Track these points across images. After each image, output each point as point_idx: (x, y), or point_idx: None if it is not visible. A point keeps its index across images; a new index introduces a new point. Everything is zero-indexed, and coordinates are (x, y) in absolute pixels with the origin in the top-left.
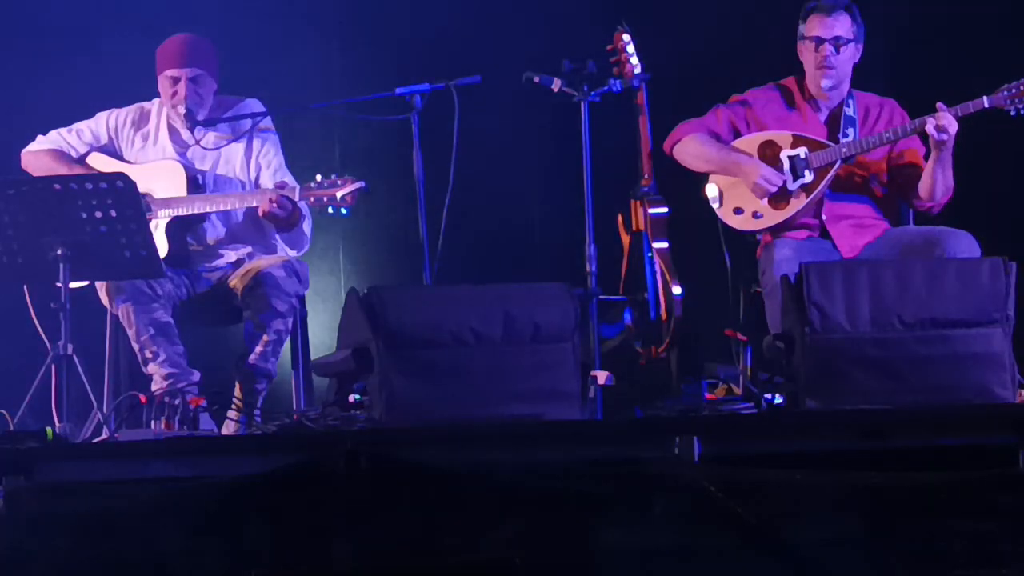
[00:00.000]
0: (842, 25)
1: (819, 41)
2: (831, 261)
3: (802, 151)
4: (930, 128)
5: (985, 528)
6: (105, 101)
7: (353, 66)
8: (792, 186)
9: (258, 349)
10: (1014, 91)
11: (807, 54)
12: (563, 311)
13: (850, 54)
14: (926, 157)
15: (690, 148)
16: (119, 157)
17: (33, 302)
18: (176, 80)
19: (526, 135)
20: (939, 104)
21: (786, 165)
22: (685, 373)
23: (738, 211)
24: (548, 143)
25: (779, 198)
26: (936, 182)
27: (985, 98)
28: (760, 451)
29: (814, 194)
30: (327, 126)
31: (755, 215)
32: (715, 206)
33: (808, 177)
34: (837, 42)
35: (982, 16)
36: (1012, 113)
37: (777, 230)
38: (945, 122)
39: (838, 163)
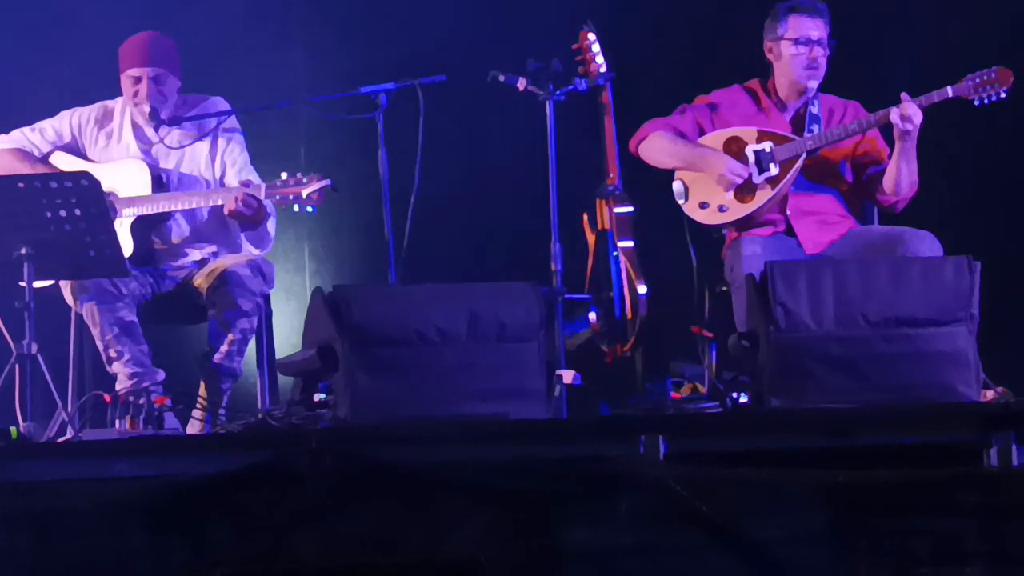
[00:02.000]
0: (825, 26)
1: (807, 42)
2: (797, 259)
3: (767, 145)
4: (894, 117)
5: (949, 526)
6: (68, 99)
7: (318, 64)
8: (757, 179)
9: (223, 348)
10: (978, 80)
11: (786, 54)
12: (528, 310)
13: (826, 54)
14: (891, 155)
15: (655, 145)
16: (83, 156)
17: None
18: (138, 79)
19: (491, 134)
20: (903, 94)
21: (751, 159)
22: (650, 372)
23: (703, 205)
24: (513, 142)
25: (744, 191)
26: (901, 175)
27: (949, 88)
28: (725, 450)
29: (779, 187)
30: (292, 125)
31: (720, 208)
32: (680, 201)
33: (773, 170)
34: (821, 43)
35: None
36: (976, 103)
37: (742, 225)
38: (910, 111)
39: (803, 156)
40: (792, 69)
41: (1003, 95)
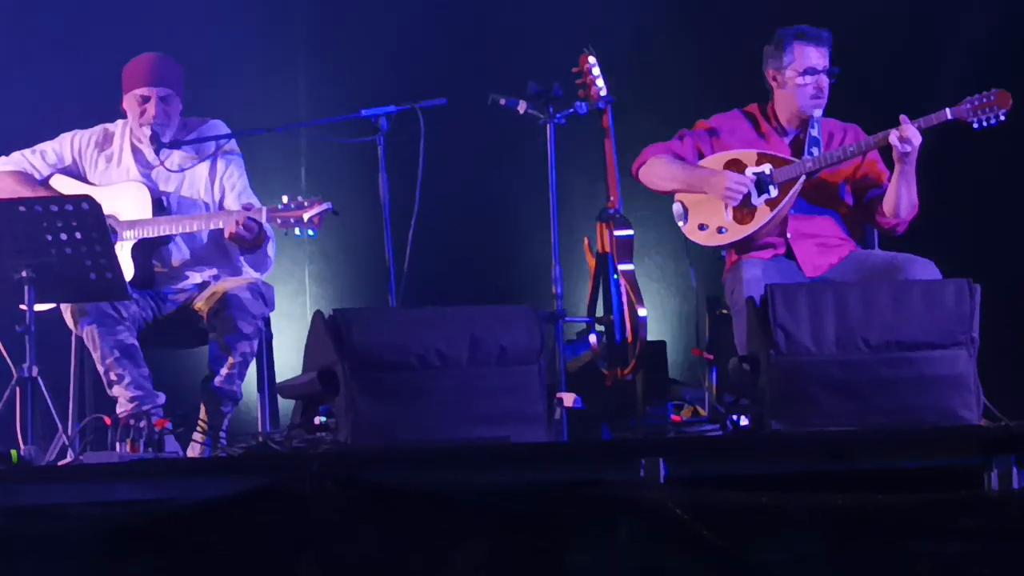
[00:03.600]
0: (828, 53)
1: (813, 72)
2: (798, 283)
3: (767, 167)
4: (893, 139)
5: (950, 550)
6: (69, 122)
7: (319, 87)
8: (757, 201)
9: (224, 371)
10: (977, 103)
11: (792, 84)
12: (529, 333)
13: (830, 81)
14: (891, 177)
15: (656, 169)
16: (83, 179)
17: None
18: (146, 99)
19: (492, 157)
20: (902, 116)
21: (751, 181)
22: (651, 395)
23: (703, 227)
24: (514, 165)
25: (744, 213)
26: (900, 198)
27: (948, 110)
28: (726, 473)
29: (778, 209)
30: (293, 148)
31: (720, 230)
32: (680, 224)
33: (773, 192)
34: (826, 71)
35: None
36: (975, 126)
37: (742, 247)
38: (909, 133)
39: (802, 178)
40: (798, 99)
41: (1002, 118)
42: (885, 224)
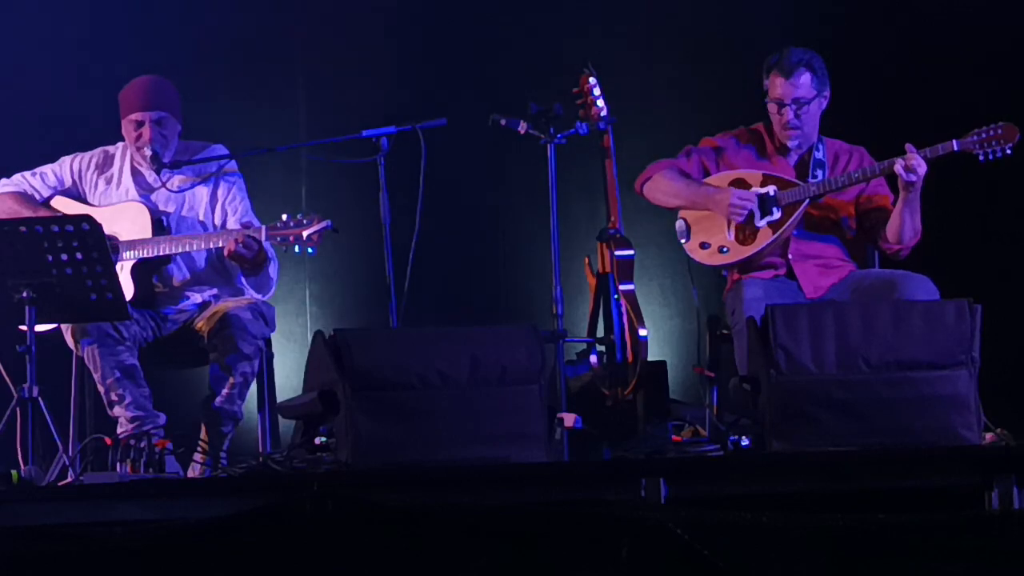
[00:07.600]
0: (803, 85)
1: (780, 104)
2: (799, 303)
3: (771, 189)
4: (899, 169)
5: (951, 570)
6: (70, 144)
7: (319, 108)
8: (760, 222)
9: (224, 391)
10: (984, 135)
11: (771, 112)
12: (529, 353)
13: (815, 108)
14: (895, 202)
15: (660, 185)
16: (83, 200)
17: None
18: (140, 123)
19: (492, 177)
20: (908, 145)
21: (755, 202)
22: (651, 415)
23: (704, 245)
24: (514, 185)
25: (746, 233)
26: (904, 224)
27: (954, 141)
28: (726, 493)
29: (781, 231)
30: (293, 169)
31: (721, 249)
32: (682, 240)
33: (776, 214)
34: (799, 103)
35: (955, 62)
36: (981, 158)
37: (743, 267)
38: (914, 163)
39: (806, 202)
40: (775, 127)
41: (1008, 151)
42: (889, 249)
